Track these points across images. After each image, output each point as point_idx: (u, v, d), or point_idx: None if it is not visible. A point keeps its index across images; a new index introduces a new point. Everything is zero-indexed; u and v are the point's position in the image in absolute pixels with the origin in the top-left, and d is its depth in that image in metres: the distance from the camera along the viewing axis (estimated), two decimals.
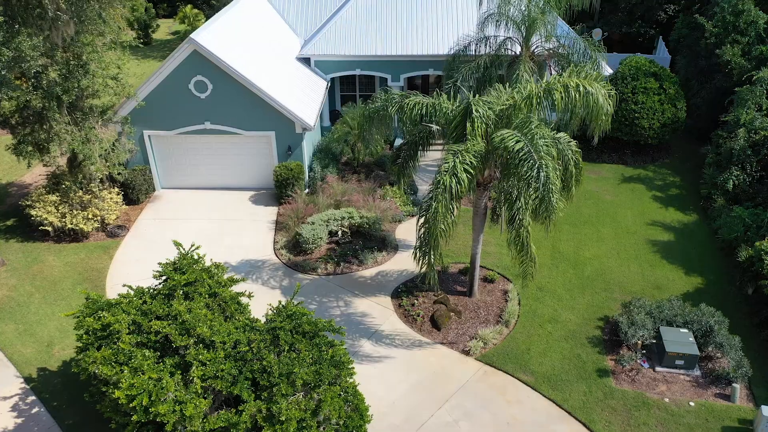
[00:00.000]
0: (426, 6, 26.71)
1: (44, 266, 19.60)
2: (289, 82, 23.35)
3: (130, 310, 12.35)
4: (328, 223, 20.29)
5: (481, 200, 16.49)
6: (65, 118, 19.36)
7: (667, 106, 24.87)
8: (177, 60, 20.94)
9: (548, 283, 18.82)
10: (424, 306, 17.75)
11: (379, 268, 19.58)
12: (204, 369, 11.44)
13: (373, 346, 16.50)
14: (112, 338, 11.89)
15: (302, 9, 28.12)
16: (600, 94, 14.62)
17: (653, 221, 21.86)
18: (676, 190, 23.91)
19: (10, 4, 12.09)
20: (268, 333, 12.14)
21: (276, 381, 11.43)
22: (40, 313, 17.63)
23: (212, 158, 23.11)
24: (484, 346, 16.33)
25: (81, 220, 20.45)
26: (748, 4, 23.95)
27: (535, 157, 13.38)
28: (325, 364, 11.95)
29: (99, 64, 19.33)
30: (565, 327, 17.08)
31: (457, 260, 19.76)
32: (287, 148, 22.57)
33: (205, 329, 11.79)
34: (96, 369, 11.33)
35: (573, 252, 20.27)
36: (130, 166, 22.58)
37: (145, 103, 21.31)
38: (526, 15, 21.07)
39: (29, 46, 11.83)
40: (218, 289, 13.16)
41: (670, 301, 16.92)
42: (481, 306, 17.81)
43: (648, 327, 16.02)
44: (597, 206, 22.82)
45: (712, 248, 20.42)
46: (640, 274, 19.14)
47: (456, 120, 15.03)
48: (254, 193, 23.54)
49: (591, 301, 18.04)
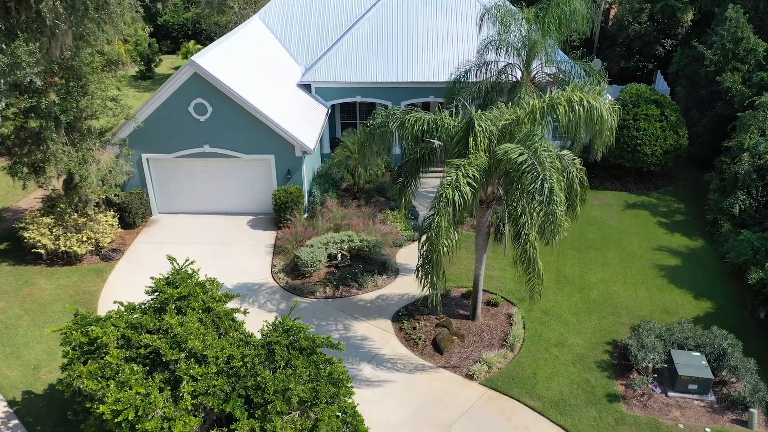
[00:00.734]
0: (426, 33, 26.88)
1: (35, 289, 19.07)
2: (289, 107, 23.27)
3: (119, 324, 11.82)
4: (327, 246, 19.85)
5: (484, 219, 16.11)
6: (62, 138, 19.16)
7: (669, 132, 24.75)
8: (177, 82, 20.86)
9: (553, 307, 18.27)
10: (426, 329, 17.16)
11: (380, 291, 19.05)
12: (195, 385, 10.84)
13: (374, 369, 15.85)
14: (100, 353, 11.33)
15: (303, 38, 28.30)
16: (603, 108, 14.42)
17: (659, 246, 21.43)
18: (681, 216, 23.57)
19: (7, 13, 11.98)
20: (263, 348, 11.58)
21: (271, 398, 10.82)
22: (28, 335, 17.03)
23: (210, 182, 22.83)
24: (489, 370, 15.70)
25: (75, 242, 20.02)
26: (747, 31, 24.08)
27: (538, 169, 13.07)
28: (322, 382, 11.36)
29: (98, 85, 19.25)
30: (573, 351, 16.47)
31: (459, 284, 19.25)
32: (287, 171, 22.31)
33: (197, 343, 11.24)
34: (81, 384, 10.74)
35: (578, 276, 19.77)
36: (127, 190, 22.28)
37: (144, 125, 21.15)
38: (526, 39, 21.12)
39: (25, 51, 11.66)
40: (212, 304, 12.65)
41: (681, 323, 16.35)
42: (484, 330, 17.23)
43: (658, 350, 15.42)
44: (601, 231, 22.42)
45: (721, 272, 19.94)
46: (648, 298, 18.61)
47: (458, 135, 14.78)
48: (252, 217, 23.18)
49: (598, 325, 17.46)
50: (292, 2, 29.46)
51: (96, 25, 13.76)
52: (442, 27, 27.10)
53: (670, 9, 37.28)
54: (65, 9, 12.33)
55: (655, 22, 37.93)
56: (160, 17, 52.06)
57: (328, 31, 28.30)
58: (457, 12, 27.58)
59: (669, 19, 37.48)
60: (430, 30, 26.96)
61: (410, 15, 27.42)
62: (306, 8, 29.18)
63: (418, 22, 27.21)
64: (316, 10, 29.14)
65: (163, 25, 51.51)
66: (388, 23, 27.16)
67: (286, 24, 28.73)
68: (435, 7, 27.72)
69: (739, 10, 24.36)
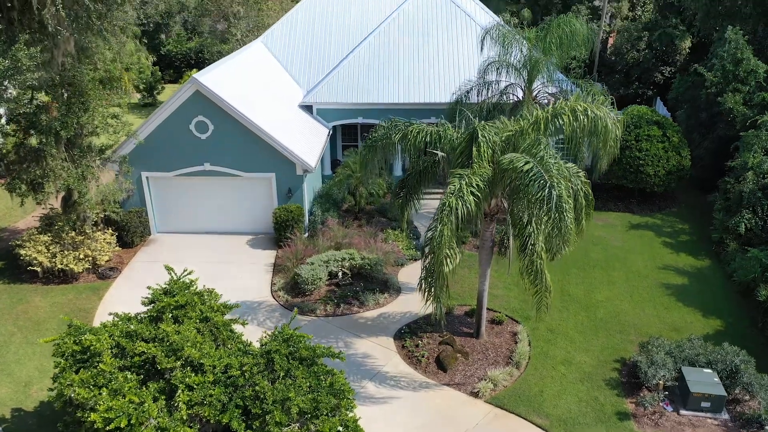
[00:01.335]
0: (427, 55, 27.05)
1: (29, 306, 18.67)
2: (290, 126, 23.21)
3: (113, 332, 11.45)
4: (328, 264, 19.52)
5: (488, 232, 15.84)
6: (62, 154, 19.02)
7: (672, 153, 24.66)
8: (179, 100, 20.83)
9: (559, 325, 17.85)
10: (429, 347, 16.72)
11: (381, 309, 18.66)
12: (191, 394, 10.42)
13: (376, 387, 15.38)
14: (93, 361, 10.93)
15: (305, 61, 28.46)
16: (608, 118, 14.31)
17: (665, 265, 21.10)
18: (686, 236, 23.29)
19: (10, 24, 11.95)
20: (262, 357, 11.19)
21: (270, 408, 10.39)
22: (19, 353, 16.58)
23: (210, 201, 22.62)
24: (494, 387, 15.22)
25: (71, 260, 19.69)
26: (747, 53, 24.20)
27: (545, 177, 12.85)
28: (323, 393, 10.94)
29: (99, 101, 19.20)
30: (580, 369, 16.01)
31: (462, 302, 18.87)
32: (287, 190, 22.11)
33: (194, 351, 10.86)
34: (72, 393, 10.32)
35: (583, 295, 19.40)
36: (126, 208, 22.04)
37: (145, 142, 21.04)
38: (528, 58, 21.17)
39: (26, 55, 11.58)
40: (210, 314, 12.29)
41: (691, 340, 15.94)
42: (489, 347, 16.79)
43: (669, 367, 14.98)
44: (605, 251, 22.12)
45: (729, 291, 19.58)
46: (656, 317, 18.21)
47: (461, 146, 14.62)
48: (252, 237, 22.89)
49: (606, 343, 17.03)
50: (295, 26, 29.75)
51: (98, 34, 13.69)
52: (442, 49, 27.29)
53: (668, 37, 37.69)
54: (67, 15, 12.28)
55: (654, 50, 38.29)
56: (164, 47, 52.66)
57: (330, 54, 28.49)
58: (458, 34, 27.81)
59: (667, 47, 37.84)
60: (431, 52, 27.13)
61: (411, 37, 27.64)
62: (308, 32, 29.45)
63: (419, 44, 27.40)
64: (318, 34, 29.41)
65: (166, 55, 52.04)
66: (389, 45, 27.36)
67: (288, 47, 28.95)
68: (436, 29, 27.96)
69: (738, 32, 24.52)
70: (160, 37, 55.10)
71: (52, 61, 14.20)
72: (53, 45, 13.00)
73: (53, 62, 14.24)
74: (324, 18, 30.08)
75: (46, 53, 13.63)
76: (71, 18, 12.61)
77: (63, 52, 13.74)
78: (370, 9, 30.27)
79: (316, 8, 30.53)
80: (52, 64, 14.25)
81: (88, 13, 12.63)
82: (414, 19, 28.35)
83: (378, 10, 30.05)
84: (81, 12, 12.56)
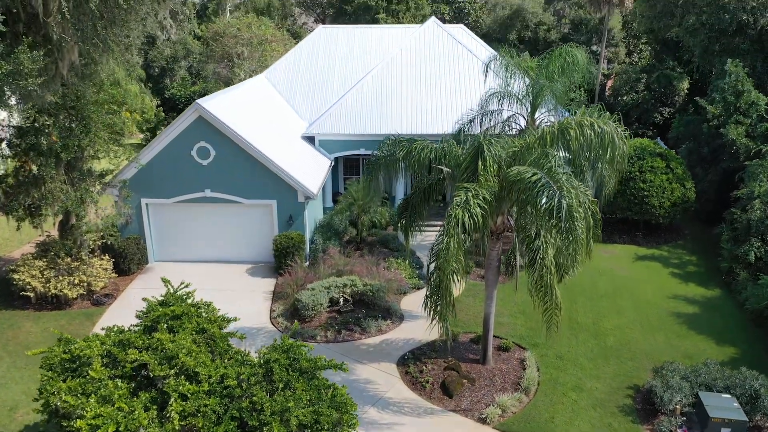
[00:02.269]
0: (430, 87, 27.25)
1: (20, 332, 18.06)
2: (292, 154, 23.13)
3: (105, 341, 10.92)
4: (329, 290, 19.02)
5: (494, 251, 15.45)
6: (61, 177, 18.82)
7: (676, 185, 24.49)
8: (181, 126, 20.78)
9: (568, 352, 17.23)
10: (434, 373, 16.06)
11: (383, 336, 18.05)
12: (184, 404, 9.81)
13: (379, 413, 14.66)
14: (82, 370, 10.36)
15: (308, 95, 28.69)
16: (615, 133, 14.14)
17: (674, 295, 20.59)
18: (694, 267, 22.85)
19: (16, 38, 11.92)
20: (260, 367, 10.63)
21: (268, 419, 9.77)
22: (7, 376, 15.90)
23: (210, 228, 22.27)
24: (503, 413, 14.50)
25: (66, 285, 19.19)
26: (748, 85, 24.35)
27: (554, 187, 12.57)
28: (324, 405, 10.34)
29: (102, 125, 19.13)
30: (592, 395, 15.31)
31: (467, 330, 18.27)
32: (288, 217, 21.80)
33: (189, 360, 10.30)
34: (58, 401, 9.71)
35: (592, 323, 18.82)
36: (124, 235, 21.67)
37: (145, 167, 20.86)
38: (530, 87, 21.22)
39: (29, 58, 11.47)
40: (207, 325, 11.76)
41: (707, 365, 15.31)
42: (496, 373, 16.12)
43: (685, 392, 14.32)
44: (613, 281, 21.63)
45: (741, 319, 19.02)
46: (668, 344, 17.59)
47: (466, 161, 14.43)
48: (252, 266, 22.44)
49: (617, 370, 16.37)
50: (298, 62, 30.13)
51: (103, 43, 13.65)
52: (444, 82, 27.53)
53: (667, 78, 38.20)
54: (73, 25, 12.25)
55: (652, 91, 38.74)
56: (168, 91, 53.35)
57: (333, 88, 28.74)
58: (460, 68, 28.12)
59: (666, 88, 38.29)
60: (434, 84, 27.36)
61: (414, 70, 27.93)
62: (311, 67, 29.81)
63: (421, 77, 27.66)
64: (321, 69, 29.76)
65: (171, 98, 52.63)
66: (392, 78, 27.61)
67: (290, 81, 29.22)
68: (438, 63, 28.28)
69: (738, 64, 24.76)
70: (165, 81, 55.96)
71: (56, 75, 14.11)
72: (58, 56, 12.93)
73: (57, 75, 14.15)
74: (327, 54, 30.51)
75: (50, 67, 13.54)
76: (76, 27, 12.58)
77: (67, 64, 13.67)
78: (373, 47, 30.75)
79: (320, 45, 31.02)
80: (56, 78, 14.16)
81: (94, 21, 12.61)
82: (417, 53, 28.73)
83: (381, 48, 30.52)
84: (86, 21, 12.54)
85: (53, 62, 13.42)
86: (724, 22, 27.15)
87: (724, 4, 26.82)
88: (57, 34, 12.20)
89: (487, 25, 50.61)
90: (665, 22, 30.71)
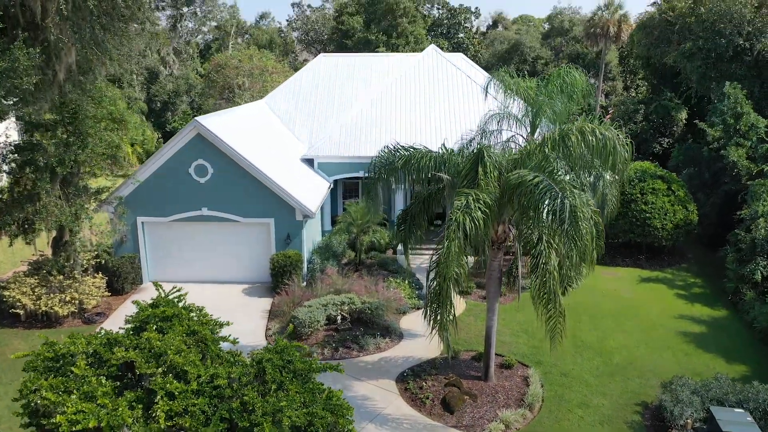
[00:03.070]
0: (429, 111, 27.30)
1: (7, 349, 17.53)
2: (291, 174, 22.97)
3: (92, 340, 10.47)
4: (326, 307, 18.55)
5: (495, 261, 15.09)
6: (56, 192, 18.60)
7: (678, 207, 24.26)
8: (179, 143, 20.68)
9: (573, 369, 16.67)
10: (434, 389, 15.48)
11: (382, 354, 17.51)
12: (171, 403, 9.30)
13: (377, 428, 14.05)
14: (65, 369, 9.88)
15: (307, 121, 28.75)
16: (616, 140, 13.97)
17: (680, 315, 20.11)
18: (699, 289, 22.42)
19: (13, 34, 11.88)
20: (252, 367, 10.15)
21: (259, 420, 9.25)
22: None
23: (206, 248, 21.92)
24: (506, 429, 13.90)
25: (57, 302, 18.74)
26: (747, 107, 24.37)
27: (556, 188, 12.32)
28: (318, 407, 9.83)
29: (99, 141, 19.02)
30: (599, 412, 14.72)
31: (468, 348, 17.74)
32: (286, 236, 21.49)
33: (178, 358, 9.84)
34: (38, 399, 9.22)
35: (597, 342, 18.30)
36: (118, 254, 21.32)
37: (142, 185, 20.67)
38: (531, 103, 21.18)
39: (24, 54, 11.36)
40: (198, 327, 11.30)
41: (718, 379, 14.76)
42: (498, 390, 15.54)
43: (696, 406, 13.74)
44: (617, 302, 21.15)
45: (750, 338, 18.52)
46: (676, 363, 17.04)
47: (467, 168, 14.23)
48: (248, 286, 22.01)
49: (624, 387, 15.79)
50: (299, 88, 30.31)
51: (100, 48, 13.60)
52: (444, 106, 27.61)
53: (665, 109, 38.45)
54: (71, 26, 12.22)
55: (651, 122, 38.94)
56: (170, 124, 53.80)
57: (333, 112, 28.83)
58: (458, 93, 28.25)
59: (664, 119, 38.50)
60: (432, 108, 27.43)
61: (414, 95, 28.06)
62: (311, 93, 29.97)
63: (421, 102, 27.76)
64: (322, 94, 29.91)
65: (172, 132, 52.96)
66: (391, 102, 27.70)
67: (291, 107, 29.32)
68: (437, 89, 28.44)
69: (737, 86, 24.84)
70: (167, 115, 56.46)
71: (54, 82, 14.03)
72: (55, 59, 12.86)
73: (55, 83, 14.06)
74: (327, 80, 30.73)
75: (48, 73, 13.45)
76: (74, 29, 12.56)
77: (65, 67, 13.58)
78: (373, 73, 31.00)
79: (320, 72, 31.28)
80: (53, 85, 14.07)
81: (92, 24, 12.59)
82: (416, 79, 28.93)
83: (381, 74, 30.76)
84: (84, 24, 12.53)
85: (50, 68, 13.34)
86: (720, 47, 27.40)
87: (720, 29, 27.11)
88: (54, 35, 12.17)
89: (486, 59, 51.29)
90: (662, 49, 31.01)
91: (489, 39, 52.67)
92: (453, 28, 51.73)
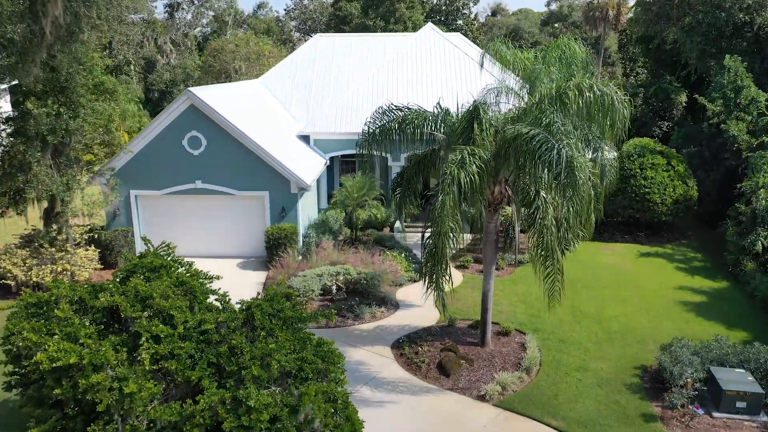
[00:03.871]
0: (426, 87, 27.02)
1: None
2: (286, 148, 22.71)
3: (77, 287, 10.24)
4: (321, 277, 18.31)
5: (492, 224, 14.84)
6: (47, 161, 18.35)
7: (678, 182, 24.00)
8: (172, 115, 20.42)
9: (571, 336, 16.43)
10: (430, 354, 15.23)
11: (378, 323, 17.26)
12: (156, 347, 9.06)
13: (372, 391, 13.80)
14: (49, 314, 9.65)
15: (304, 99, 28.50)
16: (615, 95, 13.68)
17: (680, 286, 19.86)
18: (699, 263, 22.17)
19: None
20: (241, 313, 9.92)
21: (247, 364, 9.02)
22: None
23: (200, 221, 21.66)
24: (503, 391, 13.64)
25: (48, 273, 18.48)
26: (747, 80, 24.09)
27: (552, 140, 12.07)
28: (308, 353, 9.60)
29: (91, 111, 18.75)
30: (597, 375, 14.47)
31: (465, 317, 17.49)
32: (281, 209, 21.22)
33: (164, 302, 9.60)
34: (20, 341, 8.99)
35: (595, 311, 18.05)
36: (111, 228, 21.07)
37: (135, 157, 20.41)
38: (529, 71, 20.88)
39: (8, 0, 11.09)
40: (186, 278, 11.07)
41: (718, 340, 14.51)
42: (495, 355, 15.29)
43: (696, 366, 13.49)
44: (617, 275, 20.90)
45: (751, 308, 18.27)
46: (676, 329, 16.77)
47: (462, 125, 13.96)
48: (243, 260, 21.76)
49: (623, 352, 15.54)
50: (294, 67, 30.03)
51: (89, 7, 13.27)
52: (441, 81, 27.34)
53: (664, 92, 38.12)
54: None
55: (651, 105, 38.64)
56: None
57: (329, 90, 28.55)
58: (455, 69, 27.99)
59: (663, 102, 38.19)
60: (430, 85, 27.14)
61: (411, 72, 27.79)
62: (307, 71, 29.70)
63: (418, 78, 27.49)
64: (318, 73, 29.64)
65: None
66: (388, 80, 27.43)
67: (286, 86, 29.05)
68: (435, 65, 28.17)
69: (737, 59, 24.56)
70: (164, 104, 56.12)
71: (42, 43, 13.75)
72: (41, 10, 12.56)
73: (43, 44, 13.79)
74: (324, 60, 30.45)
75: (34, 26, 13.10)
76: None
77: (50, 20, 13.28)
78: (370, 52, 30.71)
79: (317, 52, 31.00)
80: (41, 46, 13.79)
81: None
82: (414, 58, 28.65)
83: (378, 52, 30.48)
84: None
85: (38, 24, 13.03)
86: (720, 21, 27.10)
87: (720, 3, 26.82)
88: None
89: (484, 45, 51.04)
90: (661, 26, 30.71)
91: (488, 25, 52.39)
92: (451, 15, 51.43)
